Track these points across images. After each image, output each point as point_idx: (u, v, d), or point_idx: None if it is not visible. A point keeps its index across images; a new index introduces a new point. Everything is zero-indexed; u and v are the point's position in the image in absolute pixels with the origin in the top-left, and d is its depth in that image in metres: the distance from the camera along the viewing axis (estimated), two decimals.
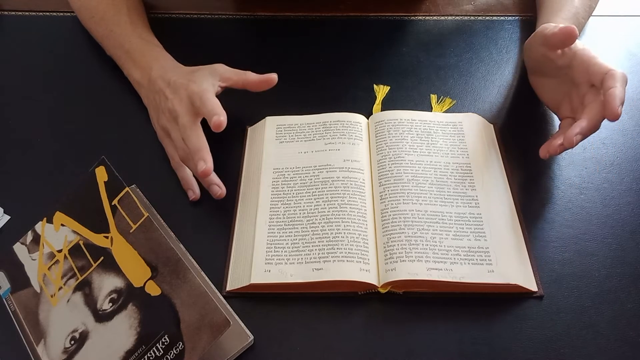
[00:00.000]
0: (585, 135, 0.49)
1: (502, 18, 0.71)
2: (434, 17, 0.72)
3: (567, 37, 0.51)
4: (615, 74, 0.48)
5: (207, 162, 0.50)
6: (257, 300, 0.48)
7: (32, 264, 0.50)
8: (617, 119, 0.47)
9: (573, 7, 0.60)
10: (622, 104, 0.47)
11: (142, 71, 0.59)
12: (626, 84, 0.48)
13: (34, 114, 0.63)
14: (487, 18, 0.72)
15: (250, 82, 0.56)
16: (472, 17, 0.72)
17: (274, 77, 0.56)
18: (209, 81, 0.54)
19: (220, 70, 0.56)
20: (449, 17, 0.72)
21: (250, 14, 0.73)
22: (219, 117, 0.50)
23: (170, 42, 0.62)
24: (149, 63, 0.59)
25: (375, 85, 0.63)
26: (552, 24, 0.55)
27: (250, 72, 0.57)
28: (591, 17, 0.71)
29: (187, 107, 0.52)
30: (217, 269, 0.49)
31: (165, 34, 0.66)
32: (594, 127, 0.49)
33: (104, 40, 0.65)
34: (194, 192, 0.54)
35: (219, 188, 0.53)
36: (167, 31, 0.70)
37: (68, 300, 0.48)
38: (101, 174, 0.51)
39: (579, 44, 0.52)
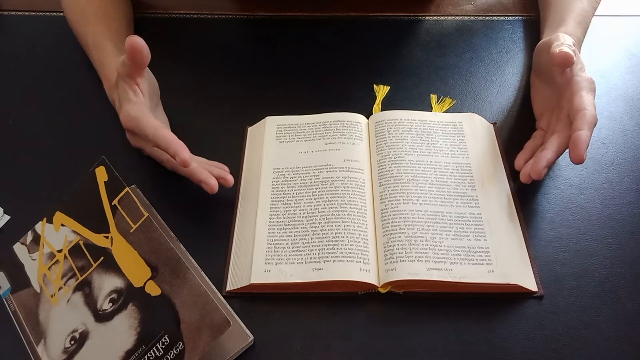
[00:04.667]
0: (550, 164, 0.50)
1: (502, 18, 0.71)
2: (434, 17, 0.72)
3: (564, 62, 0.51)
4: (586, 114, 0.48)
5: (179, 153, 0.46)
6: (257, 300, 0.48)
7: (32, 264, 0.50)
8: (581, 163, 0.48)
9: (582, 4, 0.60)
10: (587, 147, 0.48)
11: (106, 90, 0.59)
12: (594, 126, 0.49)
13: (34, 114, 0.63)
14: (487, 18, 0.72)
15: (130, 65, 0.49)
16: (472, 17, 0.72)
17: (133, 40, 0.47)
18: (130, 99, 0.51)
19: (120, 71, 0.51)
20: (449, 17, 0.72)
21: (250, 14, 0.73)
22: (181, 156, 0.46)
23: (171, 42, 0.63)
24: (103, 83, 0.59)
25: (375, 85, 0.63)
26: (561, 37, 0.54)
27: (124, 56, 0.50)
28: None
29: (145, 143, 0.53)
30: (217, 269, 0.49)
31: (166, 34, 0.66)
32: (558, 157, 0.50)
33: (85, 51, 0.64)
34: (208, 184, 0.50)
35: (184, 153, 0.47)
36: (167, 31, 0.70)
37: (68, 300, 0.48)
38: (101, 174, 0.51)
39: (582, 70, 0.52)
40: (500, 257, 0.47)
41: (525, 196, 0.53)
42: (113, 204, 0.50)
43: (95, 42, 0.61)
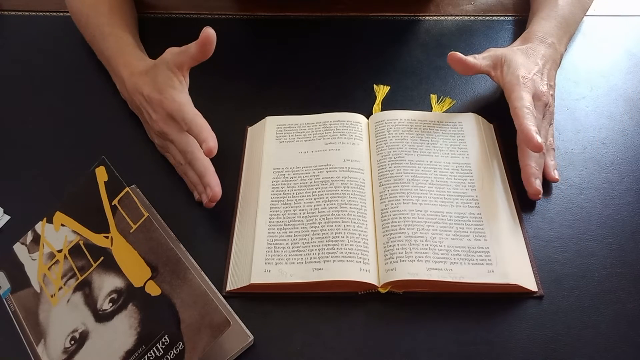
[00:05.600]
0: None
1: (502, 18, 0.72)
2: (434, 17, 0.72)
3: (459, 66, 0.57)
4: (527, 147, 0.51)
5: (213, 187, 0.50)
6: (257, 300, 0.48)
7: (32, 264, 0.50)
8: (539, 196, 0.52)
9: (555, 5, 0.62)
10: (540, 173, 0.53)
11: (119, 80, 0.59)
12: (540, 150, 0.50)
13: (34, 114, 0.63)
14: (487, 18, 0.72)
15: (195, 54, 0.51)
16: (472, 17, 0.72)
17: (209, 32, 0.50)
18: (175, 86, 0.53)
19: (172, 60, 0.53)
20: (449, 17, 0.72)
21: (250, 14, 0.73)
22: (208, 144, 0.48)
23: (171, 42, 0.62)
24: (121, 71, 0.58)
25: (375, 85, 0.63)
26: (481, 56, 0.58)
27: (191, 44, 0.51)
28: (591, 17, 0.71)
29: (176, 129, 0.52)
30: (217, 269, 0.49)
31: (166, 34, 0.66)
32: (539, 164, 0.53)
33: (91, 45, 0.65)
34: (199, 193, 0.53)
35: (210, 190, 0.50)
36: (167, 31, 0.70)
37: (68, 300, 0.48)
38: (101, 174, 0.51)
39: (516, 96, 0.53)
40: (500, 257, 0.47)
41: (525, 196, 0.53)
42: (113, 204, 0.50)
43: (113, 32, 0.62)
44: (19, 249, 0.52)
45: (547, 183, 0.54)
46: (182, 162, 0.53)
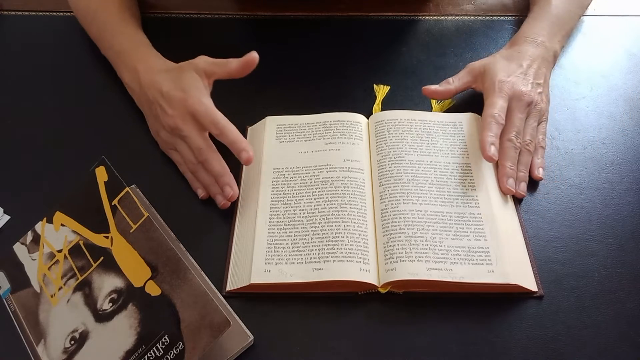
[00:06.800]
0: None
1: (502, 18, 0.71)
2: (434, 17, 0.72)
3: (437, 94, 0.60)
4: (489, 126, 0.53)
5: (232, 187, 0.52)
6: (257, 300, 0.48)
7: (32, 264, 0.50)
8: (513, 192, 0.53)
9: (548, 4, 0.63)
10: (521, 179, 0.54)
11: (131, 74, 0.59)
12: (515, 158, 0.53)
13: (34, 114, 0.63)
14: (487, 18, 0.72)
15: (233, 70, 0.54)
16: (472, 17, 0.72)
17: (254, 56, 0.54)
18: (201, 89, 0.53)
19: (203, 67, 0.54)
20: (449, 17, 0.72)
21: (250, 14, 0.73)
22: (248, 154, 0.51)
23: (171, 42, 0.63)
24: (136, 65, 0.58)
25: (375, 85, 0.63)
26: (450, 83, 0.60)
27: (231, 59, 0.54)
28: (591, 17, 0.71)
29: (195, 127, 0.52)
30: (217, 269, 0.49)
31: (166, 34, 0.66)
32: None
33: (97, 41, 0.65)
34: (204, 190, 0.54)
35: (230, 189, 0.52)
36: (167, 31, 0.70)
37: (68, 300, 0.48)
38: (101, 174, 0.51)
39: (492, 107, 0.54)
40: (500, 257, 0.47)
41: (526, 196, 0.53)
42: (113, 204, 0.50)
43: (124, 29, 0.62)
44: (19, 249, 0.52)
45: (546, 183, 0.55)
46: (194, 161, 0.53)
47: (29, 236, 0.52)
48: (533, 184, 0.54)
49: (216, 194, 0.53)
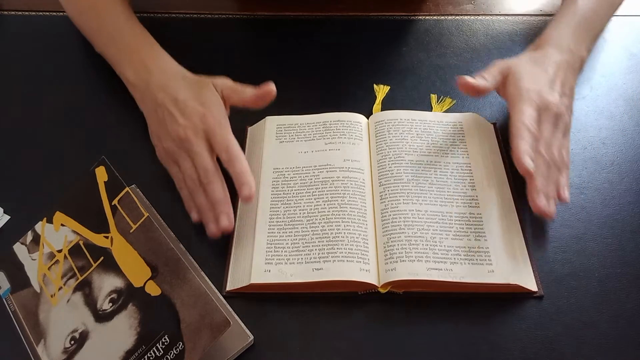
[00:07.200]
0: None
1: (502, 17, 0.71)
2: (434, 17, 0.72)
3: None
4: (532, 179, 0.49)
5: (230, 218, 0.48)
6: (257, 300, 0.48)
7: (32, 264, 0.50)
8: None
9: (574, 4, 0.59)
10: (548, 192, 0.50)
11: (137, 71, 0.56)
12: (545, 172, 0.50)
13: (33, 114, 0.63)
14: (488, 17, 0.72)
15: (248, 100, 0.54)
16: (472, 17, 0.72)
17: (271, 88, 0.52)
18: (222, 109, 0.52)
19: (222, 87, 0.54)
20: (449, 17, 0.72)
21: (250, 14, 0.73)
22: (251, 190, 0.48)
23: (171, 42, 0.62)
24: (145, 62, 0.56)
25: (375, 85, 0.63)
26: (487, 76, 0.54)
27: (248, 88, 0.54)
28: None
29: (206, 146, 0.50)
30: (217, 269, 0.49)
31: (166, 34, 0.66)
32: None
33: (95, 36, 0.62)
34: (197, 213, 0.51)
35: (227, 220, 0.49)
36: (167, 31, 0.70)
37: (68, 300, 0.48)
38: (101, 174, 0.51)
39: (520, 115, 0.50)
40: (500, 257, 0.47)
41: (525, 196, 0.53)
42: (113, 204, 0.50)
43: (131, 25, 0.60)
44: (19, 249, 0.52)
45: None
46: (195, 181, 0.50)
47: (29, 236, 0.52)
48: None
49: (209, 222, 0.49)
